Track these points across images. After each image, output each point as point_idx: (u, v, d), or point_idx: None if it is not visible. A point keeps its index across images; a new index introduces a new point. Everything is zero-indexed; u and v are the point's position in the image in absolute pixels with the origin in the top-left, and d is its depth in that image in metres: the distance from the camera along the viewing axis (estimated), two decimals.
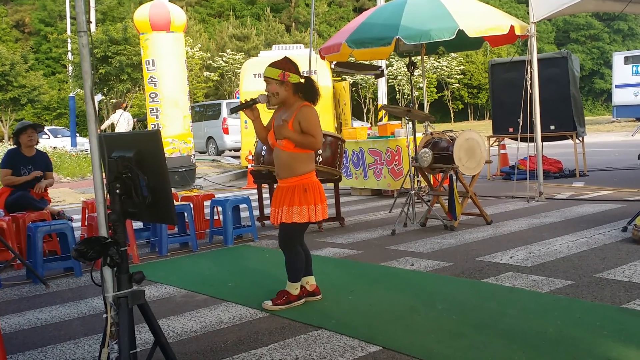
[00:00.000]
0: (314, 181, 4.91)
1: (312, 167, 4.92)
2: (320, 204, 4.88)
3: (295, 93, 4.87)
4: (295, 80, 4.84)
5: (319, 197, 4.88)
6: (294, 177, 4.84)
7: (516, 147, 10.22)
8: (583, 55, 55.71)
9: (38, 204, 7.57)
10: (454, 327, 4.26)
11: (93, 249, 2.98)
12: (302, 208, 4.80)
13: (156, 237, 7.55)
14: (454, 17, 8.52)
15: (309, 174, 4.88)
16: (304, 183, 4.84)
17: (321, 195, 4.91)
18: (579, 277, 5.28)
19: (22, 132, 7.64)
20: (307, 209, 4.81)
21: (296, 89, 4.87)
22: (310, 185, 4.86)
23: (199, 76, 35.08)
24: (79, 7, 3.17)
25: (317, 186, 4.92)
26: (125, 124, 17.23)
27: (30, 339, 4.64)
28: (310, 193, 4.83)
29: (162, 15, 13.52)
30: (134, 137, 3.42)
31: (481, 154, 7.94)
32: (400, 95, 47.50)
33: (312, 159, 4.92)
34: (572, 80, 12.31)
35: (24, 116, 41.71)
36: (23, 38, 57.43)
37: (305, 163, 4.86)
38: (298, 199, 4.81)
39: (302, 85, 4.89)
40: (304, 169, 4.85)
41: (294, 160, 4.84)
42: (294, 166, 4.85)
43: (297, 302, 4.96)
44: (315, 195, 4.86)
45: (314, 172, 4.95)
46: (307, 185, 4.84)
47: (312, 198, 4.83)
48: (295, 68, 4.87)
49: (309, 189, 4.84)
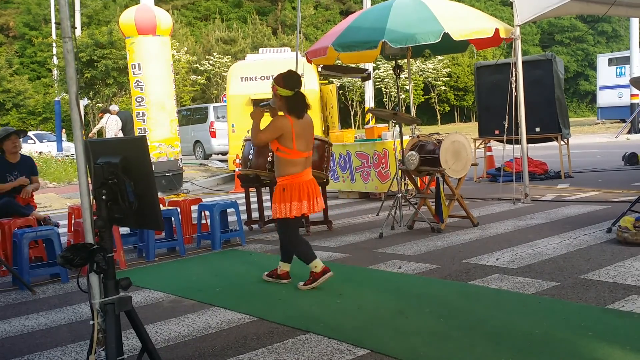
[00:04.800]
0: (295, 182, 5.51)
1: (293, 170, 5.53)
2: (298, 202, 5.49)
3: (285, 104, 5.52)
4: (284, 94, 5.49)
5: (297, 196, 5.49)
6: (278, 178, 5.61)
7: (502, 149, 10.27)
8: (568, 57, 56.01)
9: (24, 210, 7.52)
10: (441, 330, 4.28)
11: (79, 255, 2.97)
12: (280, 205, 5.51)
13: (143, 243, 7.53)
14: (439, 21, 8.55)
15: (288, 176, 5.52)
16: (283, 184, 5.53)
17: (300, 194, 5.51)
18: (564, 279, 5.32)
19: (5, 139, 7.56)
20: (284, 206, 5.49)
21: (286, 101, 5.52)
22: (289, 186, 5.50)
23: (186, 80, 35.00)
24: (63, 13, 3.18)
25: (299, 187, 5.51)
26: (114, 126, 17.14)
27: (17, 346, 4.62)
28: (288, 192, 5.49)
29: (148, 18, 13.48)
30: (120, 143, 3.42)
31: (467, 156, 7.97)
32: (387, 97, 47.59)
33: (294, 163, 5.52)
34: (556, 83, 12.39)
35: (9, 121, 41.42)
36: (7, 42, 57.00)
37: (285, 166, 5.54)
38: (277, 197, 5.54)
39: (290, 98, 5.52)
40: (284, 171, 5.54)
41: (277, 162, 5.63)
42: (277, 167, 5.63)
43: (325, 276, 5.53)
44: (293, 194, 5.49)
45: (297, 175, 5.53)
46: (285, 186, 5.52)
47: (289, 197, 5.48)
48: (285, 83, 5.50)
49: (287, 188, 5.51)
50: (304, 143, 5.54)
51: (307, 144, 5.61)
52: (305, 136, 5.56)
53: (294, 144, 5.47)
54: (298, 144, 5.49)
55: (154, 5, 14.22)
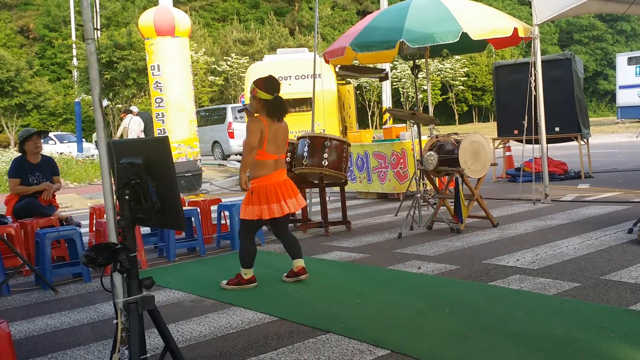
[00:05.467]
0: (263, 185, 5.68)
1: (262, 172, 5.70)
2: (267, 204, 5.65)
3: (263, 107, 5.73)
4: (263, 97, 5.70)
5: (265, 200, 5.66)
6: (250, 180, 5.75)
7: (521, 149, 10.21)
8: (586, 57, 55.57)
9: (46, 210, 7.59)
10: (462, 330, 4.28)
11: (103, 255, 3.00)
12: (247, 207, 5.71)
13: (164, 242, 7.58)
14: (457, 20, 8.54)
15: (257, 178, 5.70)
16: (252, 187, 5.70)
17: (268, 197, 5.66)
18: (585, 279, 5.29)
19: (27, 140, 7.63)
20: (252, 208, 5.66)
21: (265, 104, 5.72)
22: (257, 189, 5.68)
23: (204, 80, 35.12)
24: (86, 15, 3.21)
25: (267, 189, 5.67)
26: (136, 127, 17.21)
27: (40, 345, 4.67)
28: (256, 195, 5.67)
29: (167, 20, 13.56)
30: (143, 144, 3.44)
31: (486, 156, 7.94)
32: (405, 97, 47.49)
33: (263, 165, 5.69)
34: (576, 82, 12.30)
35: (29, 122, 41.83)
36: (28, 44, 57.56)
37: (255, 168, 5.72)
38: (245, 199, 5.75)
39: (269, 102, 5.72)
40: (254, 173, 5.73)
41: (242, 160, 5.81)
42: (250, 169, 5.77)
43: (248, 285, 5.80)
44: (262, 198, 5.66)
45: (267, 177, 5.70)
46: (254, 189, 5.69)
47: (257, 200, 5.66)
48: (265, 87, 5.70)
49: (255, 191, 5.68)
50: (273, 146, 5.71)
51: (278, 148, 5.77)
52: (276, 140, 5.74)
53: (264, 146, 5.64)
54: (268, 146, 5.66)
55: (173, 7, 14.29)
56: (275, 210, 5.66)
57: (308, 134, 8.66)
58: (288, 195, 5.76)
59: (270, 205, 5.65)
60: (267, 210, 5.65)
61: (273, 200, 5.67)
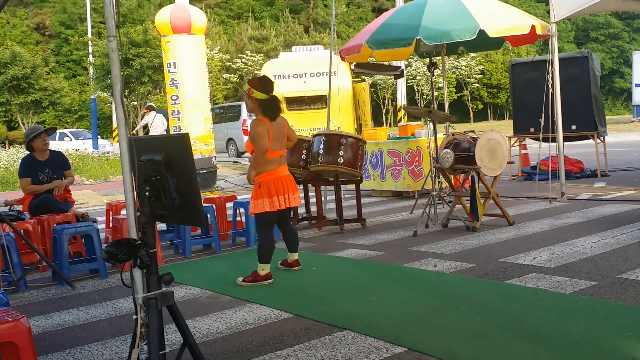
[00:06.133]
0: (271, 179, 5.81)
1: (269, 168, 5.84)
2: (271, 197, 5.79)
3: (259, 107, 5.85)
4: (259, 97, 5.81)
5: (273, 192, 5.80)
6: (256, 176, 5.87)
7: (536, 148, 10.17)
8: (603, 54, 55.20)
9: (62, 206, 7.63)
10: (478, 328, 4.27)
11: (123, 250, 3.03)
12: (256, 201, 5.82)
13: (180, 239, 7.62)
14: (474, 17, 8.51)
15: (264, 173, 5.83)
16: (260, 181, 5.83)
17: (276, 190, 5.81)
18: (602, 278, 5.27)
19: (36, 138, 7.59)
20: (261, 202, 5.80)
21: (260, 104, 5.84)
22: (265, 182, 5.81)
23: (219, 78, 35.22)
24: (108, 12, 3.23)
25: (275, 182, 5.82)
26: (160, 125, 17.26)
27: (58, 340, 4.71)
28: (265, 188, 5.80)
29: (183, 17, 13.60)
30: (163, 140, 3.47)
31: (503, 154, 7.92)
32: (419, 95, 47.39)
33: (269, 162, 5.83)
34: (593, 80, 12.23)
35: (45, 119, 42.12)
36: (44, 41, 57.96)
37: (260, 165, 5.83)
38: (254, 194, 5.87)
39: (265, 102, 5.84)
40: (260, 169, 5.84)
41: (253, 161, 5.91)
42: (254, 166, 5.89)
43: (264, 282, 5.86)
44: (270, 190, 5.80)
45: (273, 171, 5.85)
46: (262, 182, 5.83)
47: (266, 193, 5.79)
48: (261, 87, 5.80)
49: (263, 185, 5.81)
50: (277, 144, 5.89)
51: (281, 144, 5.96)
52: (278, 137, 5.90)
53: (269, 145, 5.79)
54: (273, 144, 5.82)
55: (189, 4, 14.33)
56: (281, 202, 5.85)
57: (324, 131, 8.66)
58: (292, 190, 5.96)
59: (277, 197, 5.84)
60: (275, 202, 5.82)
61: (280, 193, 5.85)
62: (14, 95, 34.72)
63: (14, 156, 21.11)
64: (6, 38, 51.03)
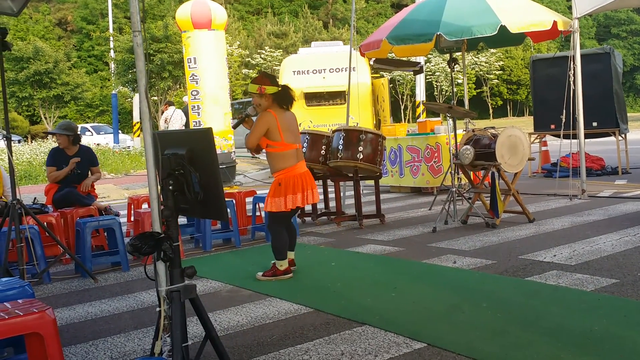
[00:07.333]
0: (290, 176, 5.73)
1: (286, 164, 5.74)
2: (292, 194, 5.70)
3: (274, 101, 5.75)
4: (272, 91, 5.72)
5: (292, 190, 5.70)
6: (274, 174, 5.82)
7: (556, 144, 10.10)
8: (624, 51, 54.68)
9: (85, 199, 7.73)
10: (499, 325, 4.27)
11: (147, 243, 3.07)
12: (274, 199, 5.73)
13: (200, 233, 7.67)
14: (495, 13, 8.47)
15: (282, 170, 5.74)
16: (279, 179, 5.75)
17: (294, 187, 5.71)
18: (623, 276, 5.24)
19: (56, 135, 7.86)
20: (279, 200, 5.71)
21: (275, 98, 5.74)
22: (284, 180, 5.72)
23: (238, 73, 35.32)
24: (133, 7, 3.26)
25: (294, 180, 5.73)
26: (179, 120, 17.36)
27: (81, 332, 4.76)
28: (283, 187, 5.71)
29: (204, 13, 13.67)
30: (187, 135, 3.50)
31: (524, 151, 7.87)
32: (438, 91, 47.22)
33: (285, 157, 5.74)
34: (614, 76, 12.13)
35: (67, 113, 42.49)
36: (65, 36, 58.47)
37: (278, 161, 5.76)
38: (272, 192, 5.77)
39: (279, 93, 5.75)
40: (278, 166, 5.77)
41: (269, 159, 5.86)
42: (271, 164, 5.86)
43: (284, 277, 5.85)
44: (288, 188, 5.70)
45: (291, 168, 5.75)
46: (281, 180, 5.74)
47: (284, 191, 5.70)
48: (270, 81, 5.78)
49: (282, 183, 5.72)
50: (291, 135, 5.76)
51: (295, 137, 5.84)
52: (291, 129, 5.79)
53: (281, 136, 5.69)
54: (285, 136, 5.71)
55: (210, 0, 14.39)
56: (299, 199, 5.75)
57: (343, 127, 8.67)
58: (310, 187, 5.87)
59: (296, 195, 5.74)
60: (292, 200, 5.73)
61: (298, 190, 5.76)
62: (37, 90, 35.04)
63: (36, 150, 21.33)
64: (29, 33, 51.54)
